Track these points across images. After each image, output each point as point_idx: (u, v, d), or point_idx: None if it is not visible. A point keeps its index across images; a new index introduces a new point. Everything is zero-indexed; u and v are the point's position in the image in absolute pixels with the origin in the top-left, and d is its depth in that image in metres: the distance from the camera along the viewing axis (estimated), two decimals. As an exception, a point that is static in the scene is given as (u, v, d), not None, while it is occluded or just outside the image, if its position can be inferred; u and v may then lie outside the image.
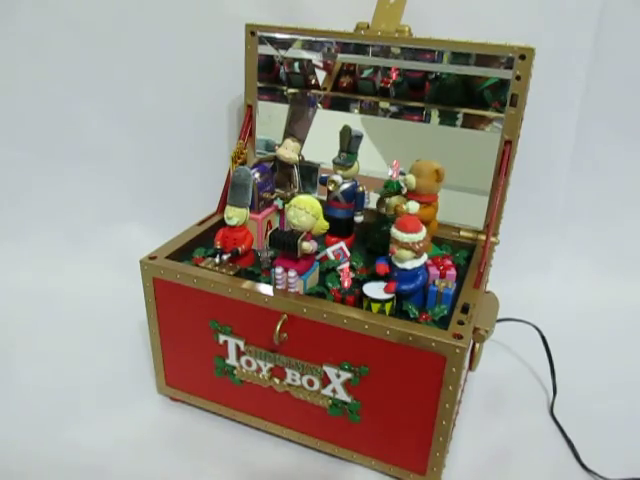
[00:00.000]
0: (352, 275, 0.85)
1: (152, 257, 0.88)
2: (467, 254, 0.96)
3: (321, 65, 1.07)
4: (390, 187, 0.92)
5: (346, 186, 0.96)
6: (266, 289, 0.80)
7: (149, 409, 0.98)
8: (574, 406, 1.00)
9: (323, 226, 0.80)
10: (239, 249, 0.88)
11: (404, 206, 0.82)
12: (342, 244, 0.92)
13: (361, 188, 0.97)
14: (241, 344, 0.86)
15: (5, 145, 1.34)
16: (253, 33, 1.05)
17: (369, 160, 1.01)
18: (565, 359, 1.07)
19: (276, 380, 0.86)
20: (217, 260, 0.87)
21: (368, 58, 1.02)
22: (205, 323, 0.87)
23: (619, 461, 0.89)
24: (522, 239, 1.29)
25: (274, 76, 1.10)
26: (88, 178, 1.38)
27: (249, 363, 0.87)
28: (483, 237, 0.96)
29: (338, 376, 0.80)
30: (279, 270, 0.80)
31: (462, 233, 1.00)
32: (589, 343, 1.17)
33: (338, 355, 0.79)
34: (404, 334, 0.72)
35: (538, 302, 1.27)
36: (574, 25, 1.11)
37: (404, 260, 0.78)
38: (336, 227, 0.92)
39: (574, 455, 0.91)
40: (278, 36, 1.06)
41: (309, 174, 1.12)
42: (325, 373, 0.81)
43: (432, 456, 0.79)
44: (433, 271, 0.82)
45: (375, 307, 0.77)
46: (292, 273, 0.79)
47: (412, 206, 0.79)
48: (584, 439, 0.93)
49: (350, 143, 0.93)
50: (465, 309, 0.77)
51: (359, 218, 0.98)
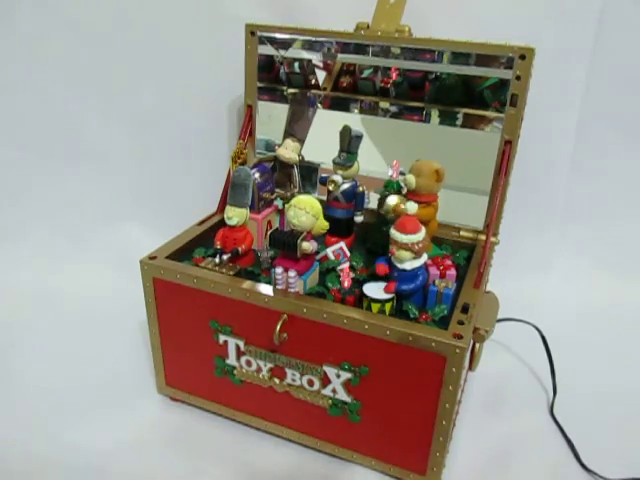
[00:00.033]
0: (352, 275, 0.85)
1: (152, 257, 0.88)
2: (467, 254, 0.96)
3: (321, 65, 1.07)
4: (390, 187, 0.92)
5: (346, 186, 0.96)
6: (266, 289, 0.80)
7: (149, 409, 0.98)
8: (574, 406, 1.00)
9: (323, 226, 0.80)
10: (239, 249, 0.88)
11: (403, 206, 0.82)
12: (342, 244, 0.92)
13: (361, 188, 0.97)
14: (241, 344, 0.86)
15: (5, 145, 1.34)
16: (253, 33, 1.05)
17: (369, 160, 1.01)
18: (565, 359, 1.07)
19: (276, 380, 0.86)
20: (217, 260, 0.87)
21: (368, 58, 1.02)
22: (205, 323, 0.87)
23: (619, 461, 0.89)
24: (522, 239, 1.29)
25: (274, 76, 1.10)
26: (88, 178, 1.38)
27: (249, 363, 0.87)
28: (483, 237, 0.96)
29: (338, 376, 0.80)
30: (279, 270, 0.80)
31: (462, 233, 1.00)
32: (589, 343, 1.17)
33: (338, 355, 0.79)
34: (404, 334, 0.72)
35: (538, 302, 1.27)
36: (574, 25, 1.11)
37: (404, 261, 0.78)
38: (336, 227, 0.92)
39: (574, 455, 0.91)
40: (278, 36, 1.06)
41: (309, 174, 1.12)
42: (325, 373, 0.81)
43: (432, 456, 0.79)
44: (433, 271, 0.82)
45: (375, 307, 0.77)
46: (292, 273, 0.79)
47: (411, 207, 0.79)
48: (584, 439, 0.93)
49: (350, 143, 0.93)
50: (465, 309, 0.77)
51: (359, 218, 0.98)
